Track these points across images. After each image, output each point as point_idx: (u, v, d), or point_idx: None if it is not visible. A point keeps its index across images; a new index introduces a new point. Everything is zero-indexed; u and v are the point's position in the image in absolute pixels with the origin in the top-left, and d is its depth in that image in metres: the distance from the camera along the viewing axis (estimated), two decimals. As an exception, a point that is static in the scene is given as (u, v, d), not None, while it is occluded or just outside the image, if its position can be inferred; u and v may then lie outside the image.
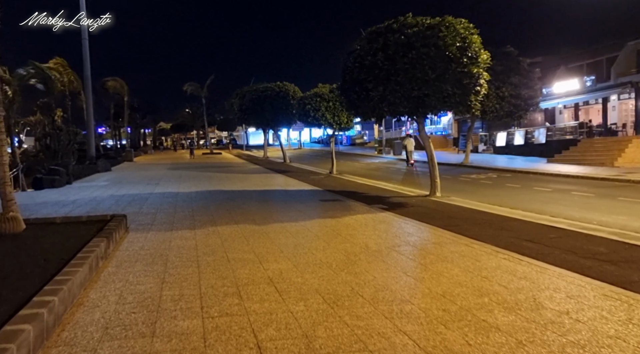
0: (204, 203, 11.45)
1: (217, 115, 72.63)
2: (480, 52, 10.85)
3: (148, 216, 9.48)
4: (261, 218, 9.09)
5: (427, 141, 12.50)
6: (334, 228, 7.86)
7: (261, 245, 6.66)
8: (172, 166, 28.02)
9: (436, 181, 12.35)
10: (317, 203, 11.28)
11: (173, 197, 12.64)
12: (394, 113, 11.41)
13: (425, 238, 6.98)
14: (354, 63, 11.42)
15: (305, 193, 13.71)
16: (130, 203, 11.47)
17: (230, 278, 5.02)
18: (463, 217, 8.91)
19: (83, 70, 30.09)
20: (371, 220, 8.67)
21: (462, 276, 4.94)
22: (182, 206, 10.93)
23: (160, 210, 10.35)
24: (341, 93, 12.33)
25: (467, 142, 23.88)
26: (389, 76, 10.74)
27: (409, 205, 10.74)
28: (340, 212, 9.67)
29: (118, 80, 46.68)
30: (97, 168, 22.81)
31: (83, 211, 10.32)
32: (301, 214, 9.51)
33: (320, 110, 19.12)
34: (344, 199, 11.88)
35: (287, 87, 28.52)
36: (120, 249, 6.47)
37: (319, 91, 19.52)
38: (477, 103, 11.22)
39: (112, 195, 13.34)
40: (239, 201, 11.75)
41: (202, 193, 13.52)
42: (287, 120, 29.05)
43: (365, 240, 6.86)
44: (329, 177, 19.54)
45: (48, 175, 16.21)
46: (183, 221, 8.83)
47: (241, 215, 9.53)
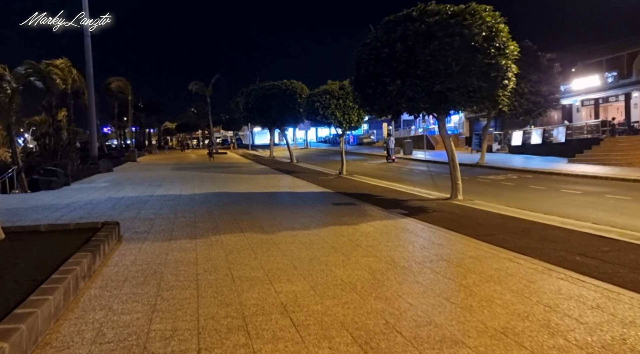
0: (207, 207, 10.60)
1: (222, 114, 71.88)
2: (509, 42, 9.92)
3: (145, 222, 8.64)
4: (269, 224, 8.22)
5: (447, 140, 11.59)
6: (352, 238, 6.97)
7: (271, 258, 5.78)
8: (176, 166, 27.25)
9: (458, 183, 11.44)
10: (329, 207, 10.40)
11: (175, 200, 11.80)
12: (413, 109, 10.50)
13: (459, 251, 6.07)
14: (369, 55, 10.52)
15: (315, 195, 12.83)
16: (128, 207, 10.64)
17: (235, 304, 4.15)
18: (495, 224, 7.99)
19: (85, 68, 29.48)
20: (392, 228, 7.78)
21: (518, 304, 4.03)
22: (183, 210, 10.09)
23: (160, 215, 9.51)
24: (355, 88, 11.44)
25: (482, 141, 22.88)
26: (408, 69, 9.85)
27: (431, 210, 9.84)
28: (356, 218, 8.78)
29: (122, 80, 46.10)
30: (98, 169, 22.07)
31: (75, 216, 9.50)
32: (313, 220, 8.63)
33: (329, 108, 18.23)
34: (358, 202, 10.99)
35: (295, 85, 27.67)
36: (108, 264, 5.61)
37: (328, 88, 18.63)
38: (505, 99, 10.30)
39: (110, 198, 12.53)
40: (244, 205, 10.89)
41: (205, 196, 12.68)
42: (294, 119, 28.21)
43: (390, 253, 5.96)
44: (339, 177, 18.66)
45: (45, 176, 15.46)
46: (183, 228, 7.97)
47: (247, 221, 8.66)
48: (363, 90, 10.92)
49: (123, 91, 46.74)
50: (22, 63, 24.09)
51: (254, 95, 28.68)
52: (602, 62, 27.46)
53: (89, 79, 29.28)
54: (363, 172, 21.71)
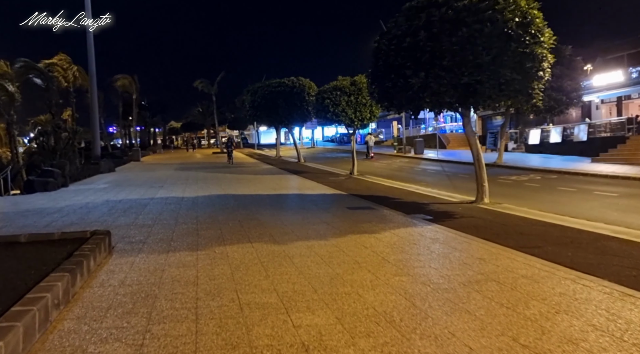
0: (211, 211, 9.72)
1: (227, 113, 71.16)
2: (544, 30, 8.96)
3: (143, 229, 7.76)
4: (280, 233, 7.31)
5: (473, 138, 10.64)
6: (375, 250, 6.05)
7: (285, 277, 4.88)
8: (180, 166, 26.44)
9: (484, 185, 10.50)
10: (345, 211, 9.48)
11: (176, 204, 10.93)
12: (437, 104, 9.56)
13: (507, 268, 5.13)
14: (389, 45, 9.59)
15: (328, 198, 11.92)
16: (126, 212, 9.78)
17: (243, 346, 3.25)
18: (537, 233, 7.04)
19: (88, 65, 28.74)
20: (420, 237, 6.85)
21: (613, 349, 3.10)
22: (185, 215, 9.21)
23: (159, 221, 8.63)
24: (372, 82, 10.51)
25: (500, 139, 21.84)
26: (433, 60, 8.91)
27: (457, 215, 8.89)
28: (377, 225, 7.86)
29: (127, 77, 45.42)
30: (99, 169, 21.28)
31: (67, 222, 8.64)
32: (329, 228, 7.71)
33: (340, 104, 17.30)
34: (376, 206, 10.07)
35: (302, 82, 26.76)
36: (93, 284, 4.73)
37: (338, 84, 17.70)
38: (539, 92, 9.32)
39: (108, 201, 11.68)
40: (252, 208, 10.00)
41: (209, 199, 11.80)
42: (302, 117, 27.32)
43: (425, 271, 5.04)
44: (350, 178, 17.73)
45: (41, 177, 14.66)
46: (184, 237, 7.09)
47: (256, 228, 7.77)
48: (381, 84, 9.98)
49: (128, 90, 46.05)
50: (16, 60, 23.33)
51: (261, 92, 27.78)
52: (623, 57, 26.30)
53: (92, 76, 28.53)
54: (374, 172, 20.77)
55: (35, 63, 24.17)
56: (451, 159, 25.46)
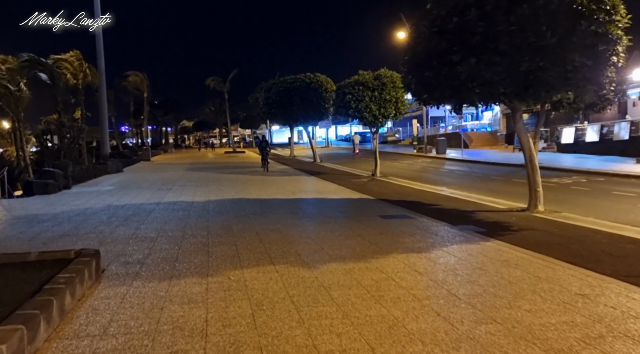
0: (224, 220, 8.45)
1: (239, 112, 70.09)
2: (619, 7, 7.52)
3: (143, 244, 6.52)
4: (308, 250, 6.02)
5: (525, 136, 9.27)
6: (436, 279, 4.72)
7: (325, 323, 3.58)
8: (191, 166, 25.31)
9: (538, 190, 9.10)
10: (379, 221, 8.14)
11: (185, 210, 9.70)
12: (487, 96, 8.17)
13: (627, 311, 3.76)
14: (430, 28, 8.22)
15: (354, 204, 10.60)
16: (127, 220, 8.56)
17: None
18: (633, 254, 5.63)
19: (97, 61, 27.83)
20: (484, 258, 5.49)
21: None
22: (194, 225, 7.95)
23: (164, 232, 7.39)
24: (408, 71, 9.13)
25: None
26: (486, 43, 7.52)
27: (515, 227, 7.51)
28: (423, 240, 6.52)
29: (138, 74, 44.56)
30: (106, 169, 20.19)
31: (57, 233, 7.44)
32: (366, 243, 6.39)
33: (363, 100, 15.94)
34: (413, 215, 8.71)
35: (319, 78, 25.46)
36: (64, 334, 3.47)
37: (361, 78, 16.33)
38: (611, 82, 7.89)
39: (110, 206, 10.49)
40: (270, 216, 8.72)
41: (222, 204, 10.55)
42: (318, 114, 26.01)
43: (515, 315, 3.70)
44: (373, 180, 16.39)
45: (40, 178, 13.57)
46: (192, 256, 5.82)
47: (277, 242, 6.48)
48: (420, 74, 8.60)
49: (139, 87, 45.18)
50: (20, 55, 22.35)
51: (275, 89, 26.53)
52: (664, 49, 24.44)
53: (101, 73, 27.63)
54: (397, 173, 19.40)
55: (39, 58, 23.20)
56: (477, 159, 23.94)
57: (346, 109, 16.48)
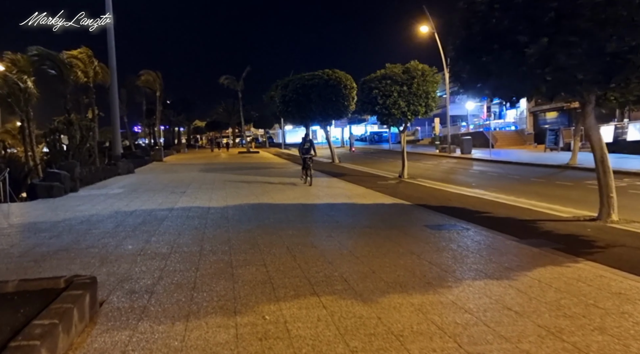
0: (246, 230, 7.30)
1: (252, 112, 69.18)
2: None
3: (153, 264, 5.39)
4: (357, 274, 4.83)
5: (597, 134, 7.96)
6: (543, 324, 3.50)
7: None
8: (205, 167, 24.29)
9: (611, 196, 7.77)
10: (428, 234, 6.91)
11: (201, 218, 8.57)
12: (558, 84, 6.88)
13: None
14: (490, 4, 6.96)
15: (391, 210, 9.38)
16: (135, 231, 7.45)
17: None
18: None
19: (108, 59, 26.96)
20: (589, 289, 4.24)
21: None
22: (213, 238, 6.81)
23: (178, 247, 6.26)
24: (458, 57, 7.87)
25: (575, 136, 18.79)
26: (561, 20, 6.26)
27: (597, 241, 6.25)
28: (493, 260, 5.30)
29: (151, 73, 43.80)
30: (117, 170, 19.24)
31: (53, 247, 6.34)
32: (425, 264, 5.18)
33: (391, 96, 14.69)
34: (465, 224, 7.48)
35: (338, 75, 24.21)
36: None
37: (388, 72, 15.09)
38: None
39: (117, 213, 9.42)
40: (299, 226, 7.55)
41: (242, 210, 9.41)
42: (337, 112, 24.78)
43: None
44: (402, 182, 15.15)
45: (45, 180, 12.58)
46: (213, 282, 4.66)
47: (315, 261, 5.31)
48: (475, 59, 7.34)
49: (152, 86, 44.40)
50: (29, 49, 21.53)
51: (292, 86, 25.36)
52: None
53: (112, 70, 26.71)
54: (424, 174, 18.12)
55: (49, 51, 22.34)
56: (508, 160, 22.50)
57: (372, 106, 15.23)
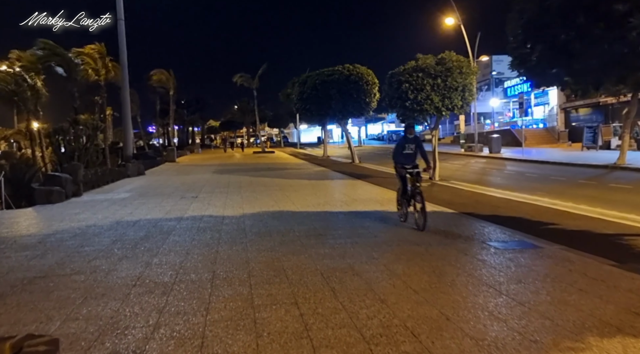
0: (268, 249, 5.99)
1: (267, 111, 68.11)
2: None
3: (151, 301, 4.11)
4: (426, 324, 3.50)
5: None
6: None
7: None
8: (219, 169, 23.12)
9: None
10: (494, 255, 5.52)
11: (214, 230, 7.30)
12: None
13: None
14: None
15: (433, 220, 7.97)
16: (135, 248, 6.20)
17: None
18: None
19: (119, 56, 25.98)
20: None
21: None
22: (227, 259, 5.52)
23: (183, 273, 4.97)
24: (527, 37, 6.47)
25: (623, 133, 17.07)
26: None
27: None
28: (602, 297, 3.90)
29: (164, 72, 42.94)
30: (126, 172, 18.16)
31: (32, 271, 5.11)
32: (511, 304, 3.82)
33: (424, 89, 13.28)
34: (536, 241, 6.07)
35: (359, 70, 22.91)
36: None
37: (420, 63, 13.67)
38: None
39: (119, 223, 8.20)
40: (332, 242, 6.22)
41: (261, 220, 8.12)
42: (358, 109, 23.46)
43: None
44: (434, 185, 13.71)
45: (45, 184, 11.48)
46: (228, 336, 3.36)
47: (364, 301, 3.98)
48: (550, 38, 5.93)
49: (165, 85, 43.54)
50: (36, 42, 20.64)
51: (310, 83, 24.10)
52: None
53: (123, 66, 25.72)
54: (454, 175, 16.69)
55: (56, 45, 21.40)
56: (543, 159, 20.85)
57: (402, 101, 13.82)
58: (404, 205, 7.47)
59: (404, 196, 7.39)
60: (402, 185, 7.35)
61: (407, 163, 7.31)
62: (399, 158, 7.44)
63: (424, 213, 6.81)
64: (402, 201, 7.53)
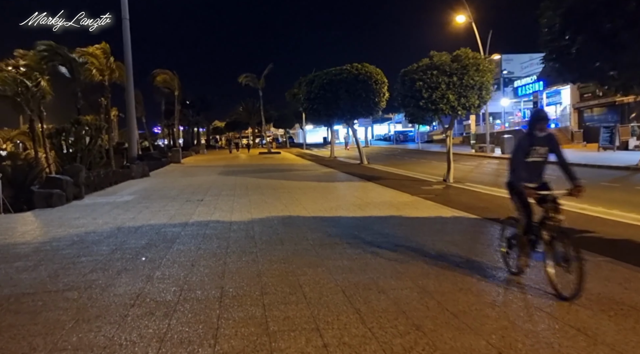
0: (281, 260, 5.46)
1: (272, 111, 67.62)
2: None
3: (150, 326, 3.60)
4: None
5: None
6: None
7: None
8: (225, 170, 22.65)
9: None
10: (541, 271, 4.95)
11: (221, 238, 6.77)
12: None
13: None
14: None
15: (456, 227, 7.43)
16: (136, 259, 5.69)
17: None
18: None
19: (124, 55, 25.57)
20: None
21: None
22: (237, 273, 4.99)
23: (188, 290, 4.45)
24: (564, 28, 5.91)
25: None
26: None
27: None
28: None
29: (168, 72, 42.55)
30: (131, 174, 17.70)
31: (22, 286, 4.61)
32: (576, 338, 3.24)
33: (439, 88, 12.71)
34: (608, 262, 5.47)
35: (368, 69, 22.33)
36: None
37: (435, 61, 13.09)
38: None
39: (120, 229, 7.70)
40: (350, 252, 5.68)
41: (271, 226, 7.59)
42: (367, 109, 22.88)
43: None
44: (450, 187, 13.14)
45: (44, 187, 11.02)
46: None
47: (394, 323, 3.47)
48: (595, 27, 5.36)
49: (169, 85, 43.16)
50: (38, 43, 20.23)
51: (318, 82, 23.54)
52: None
53: (128, 68, 25.33)
54: (467, 177, 16.08)
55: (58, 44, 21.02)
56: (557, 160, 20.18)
57: (416, 100, 13.25)
58: (523, 250, 4.53)
59: (525, 236, 4.49)
60: (524, 216, 4.46)
61: (533, 179, 4.42)
62: (519, 171, 4.43)
63: (582, 271, 3.80)
64: (518, 243, 4.60)
